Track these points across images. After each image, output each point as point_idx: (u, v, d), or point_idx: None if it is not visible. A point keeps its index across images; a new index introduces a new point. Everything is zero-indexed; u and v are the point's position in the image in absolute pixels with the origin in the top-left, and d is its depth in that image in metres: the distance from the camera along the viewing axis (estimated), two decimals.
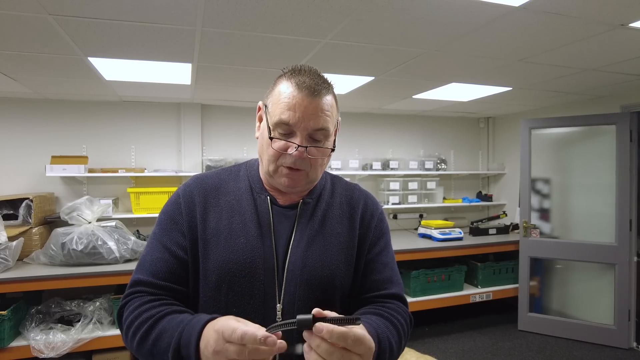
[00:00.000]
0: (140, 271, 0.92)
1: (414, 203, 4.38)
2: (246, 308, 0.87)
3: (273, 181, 0.94)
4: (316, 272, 0.91)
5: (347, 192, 1.06)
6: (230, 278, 0.87)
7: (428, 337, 3.67)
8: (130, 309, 0.87)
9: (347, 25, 1.90)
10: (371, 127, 4.54)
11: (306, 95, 0.86)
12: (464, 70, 2.69)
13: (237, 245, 0.90)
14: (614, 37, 2.06)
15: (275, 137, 0.88)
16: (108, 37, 2.00)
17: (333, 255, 0.94)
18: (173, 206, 0.96)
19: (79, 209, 2.97)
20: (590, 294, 3.68)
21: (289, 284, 0.89)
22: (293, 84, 0.88)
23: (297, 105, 0.86)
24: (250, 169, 1.02)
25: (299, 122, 0.86)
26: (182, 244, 0.92)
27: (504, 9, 1.72)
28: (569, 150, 3.83)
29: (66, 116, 3.58)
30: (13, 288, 2.68)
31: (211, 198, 0.96)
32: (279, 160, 0.89)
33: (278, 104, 0.88)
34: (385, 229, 1.06)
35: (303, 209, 0.97)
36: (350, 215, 1.01)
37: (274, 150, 0.88)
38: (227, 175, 1.02)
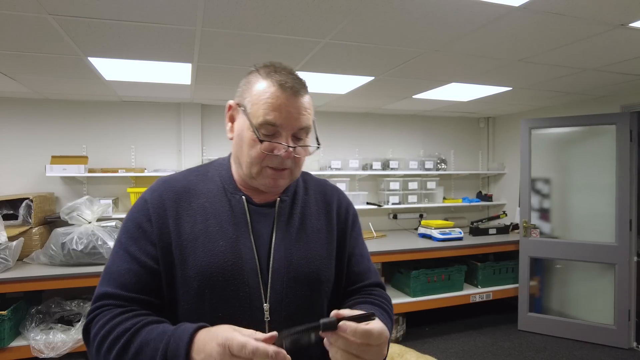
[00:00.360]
0: (106, 283, 0.86)
1: (414, 203, 4.38)
2: (232, 311, 0.85)
3: (254, 182, 0.91)
4: (302, 269, 0.90)
5: (319, 187, 1.06)
6: (212, 283, 0.84)
7: (428, 337, 3.67)
8: (100, 324, 0.80)
9: (347, 25, 1.90)
10: (371, 127, 4.54)
11: (290, 96, 0.86)
12: (464, 70, 2.69)
13: (216, 248, 0.86)
14: (614, 37, 2.06)
15: (255, 140, 0.86)
16: (108, 37, 2.00)
17: (316, 251, 0.94)
18: (140, 213, 0.90)
19: (79, 209, 2.97)
20: (590, 294, 3.68)
21: (275, 283, 0.88)
22: (275, 84, 0.86)
23: (283, 106, 0.85)
24: (220, 168, 0.99)
25: (285, 123, 0.85)
26: (152, 254, 0.87)
27: (504, 9, 1.72)
28: (569, 150, 3.83)
29: (66, 116, 3.58)
30: (13, 288, 2.68)
31: (182, 202, 0.91)
32: (264, 162, 0.87)
33: (260, 104, 0.85)
34: (358, 222, 1.09)
35: (281, 207, 0.96)
36: (326, 211, 1.02)
37: (260, 152, 0.86)
38: (195, 176, 0.97)
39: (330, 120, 4.36)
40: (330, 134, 4.36)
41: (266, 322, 0.86)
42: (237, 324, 0.79)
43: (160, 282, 0.87)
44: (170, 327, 0.78)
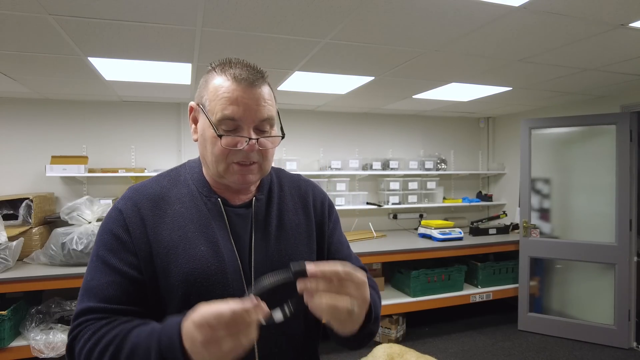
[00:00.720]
0: (87, 299, 0.82)
1: (414, 203, 4.38)
2: None
3: (225, 180, 0.90)
4: (283, 266, 0.88)
5: (293, 183, 1.05)
6: (197, 289, 0.83)
7: (428, 337, 3.67)
8: (85, 338, 0.77)
9: (347, 25, 1.90)
10: (371, 127, 4.54)
11: (245, 87, 0.84)
12: (464, 70, 2.69)
13: (197, 254, 0.85)
14: (614, 37, 2.06)
15: (216, 137, 0.84)
16: (108, 37, 2.00)
17: (297, 246, 0.94)
18: (116, 224, 0.87)
19: (79, 209, 2.97)
20: (590, 294, 3.68)
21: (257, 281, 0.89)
22: (229, 77, 0.84)
23: (239, 98, 0.83)
24: (192, 172, 0.97)
25: (244, 115, 0.83)
26: (134, 263, 0.84)
27: (504, 9, 1.72)
28: (569, 150, 3.83)
29: (66, 116, 3.58)
30: (13, 288, 2.68)
31: (157, 210, 0.89)
32: (229, 158, 0.85)
33: (217, 100, 0.84)
34: (335, 212, 1.09)
35: (257, 206, 0.95)
36: (303, 205, 1.01)
37: (223, 148, 0.84)
38: (167, 182, 0.95)
39: (330, 120, 4.36)
40: (330, 134, 4.36)
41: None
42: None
43: (144, 292, 0.85)
44: (157, 325, 0.75)
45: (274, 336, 0.88)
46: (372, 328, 0.88)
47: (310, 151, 4.24)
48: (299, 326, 0.93)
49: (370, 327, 0.85)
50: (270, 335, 0.86)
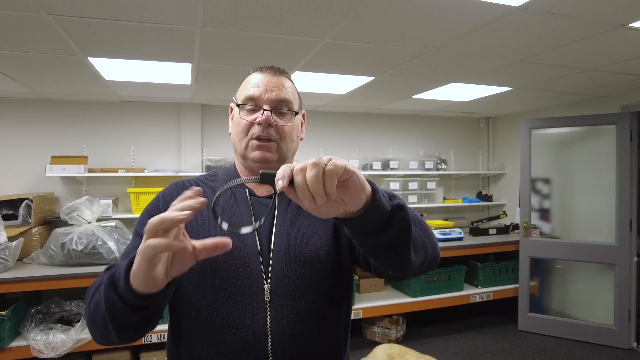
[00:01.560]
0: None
1: (414, 203, 4.38)
2: (233, 290, 0.89)
3: (247, 162, 0.99)
4: (301, 249, 0.94)
5: None
6: (214, 264, 0.89)
7: (428, 337, 3.67)
8: (93, 284, 0.85)
9: (347, 25, 1.90)
10: (371, 127, 4.54)
11: (267, 74, 0.99)
12: (464, 70, 2.69)
13: (218, 232, 0.89)
14: (614, 37, 2.06)
15: (244, 113, 0.97)
16: (108, 37, 2.00)
17: (315, 232, 0.97)
18: (152, 205, 1.01)
19: (79, 209, 2.97)
20: (590, 294, 3.68)
21: (275, 264, 0.92)
22: (257, 71, 1.01)
23: (261, 82, 0.97)
24: (227, 170, 1.09)
25: (262, 93, 0.96)
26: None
27: (504, 9, 1.71)
28: (569, 150, 3.83)
29: (66, 116, 3.58)
30: (13, 288, 2.68)
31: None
32: (249, 133, 0.96)
33: (245, 89, 1.00)
34: None
35: (280, 197, 1.00)
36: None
37: (244, 122, 0.97)
38: (206, 178, 1.08)
39: (330, 120, 4.36)
40: (330, 134, 4.36)
41: (267, 302, 0.90)
42: (238, 302, 0.88)
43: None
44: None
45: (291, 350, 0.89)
46: (397, 216, 0.71)
47: (310, 151, 4.24)
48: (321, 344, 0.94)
49: (378, 205, 0.67)
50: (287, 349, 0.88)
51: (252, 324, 0.88)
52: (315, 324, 0.92)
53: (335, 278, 0.98)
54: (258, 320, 0.88)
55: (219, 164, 3.74)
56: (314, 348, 0.91)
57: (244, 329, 0.87)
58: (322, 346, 0.93)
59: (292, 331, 0.89)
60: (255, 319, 0.88)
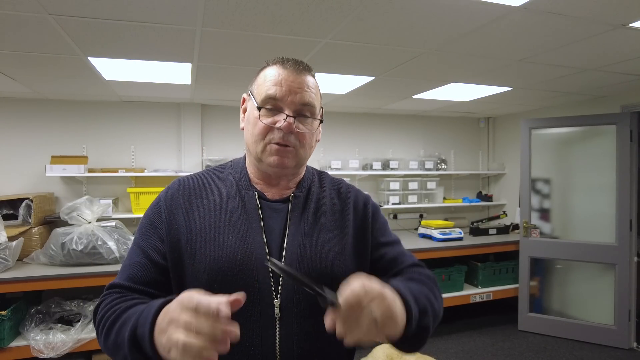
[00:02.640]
0: (119, 276, 0.90)
1: (414, 203, 4.38)
2: (242, 305, 0.84)
3: (262, 165, 0.92)
4: (314, 265, 0.89)
5: (334, 185, 1.05)
6: (222, 277, 0.84)
7: None
8: (102, 306, 0.85)
9: (347, 25, 1.90)
10: (371, 127, 4.54)
11: (291, 72, 0.89)
12: (464, 70, 2.69)
13: (225, 243, 0.87)
14: (614, 37, 2.06)
15: (260, 118, 0.89)
16: (108, 37, 2.00)
17: (330, 247, 0.92)
18: (153, 210, 0.94)
19: (79, 209, 2.97)
20: (590, 294, 3.67)
21: (287, 279, 0.87)
22: (278, 65, 0.91)
23: (283, 81, 0.88)
24: (235, 167, 1.01)
25: (285, 95, 0.87)
26: (160, 249, 0.89)
27: (504, 9, 1.71)
28: (569, 150, 3.83)
29: (66, 116, 3.58)
30: (13, 288, 2.68)
31: (195, 198, 0.93)
32: (267, 137, 0.89)
33: (264, 85, 0.90)
34: (381, 214, 1.06)
35: (295, 203, 0.95)
36: (341, 208, 1.00)
37: (263, 125, 0.88)
38: (211, 175, 1.00)
39: (330, 120, 4.35)
40: (330, 134, 4.36)
41: (276, 319, 0.85)
42: (247, 319, 0.82)
43: (167, 277, 0.89)
44: (155, 300, 0.75)
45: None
46: (422, 324, 0.83)
47: None
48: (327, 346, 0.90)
49: (414, 327, 0.79)
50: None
51: (261, 342, 0.83)
52: (324, 343, 0.88)
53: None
54: (267, 339, 0.84)
55: (219, 164, 3.74)
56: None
57: (252, 347, 0.83)
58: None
59: (302, 350, 0.86)
60: (263, 337, 0.84)
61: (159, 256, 0.89)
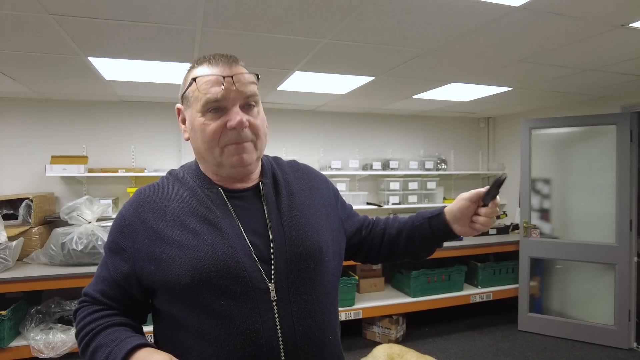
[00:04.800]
0: (92, 284, 0.95)
1: (414, 203, 4.38)
2: (235, 297, 0.84)
3: (223, 170, 0.92)
4: (303, 243, 0.91)
5: (292, 167, 1.09)
6: (206, 276, 0.83)
7: (428, 337, 3.67)
8: (78, 319, 0.91)
9: (347, 25, 1.90)
10: (371, 127, 4.54)
11: (223, 66, 0.87)
12: (464, 70, 2.69)
13: (201, 243, 0.86)
14: (614, 37, 2.06)
15: (206, 123, 0.87)
16: (108, 37, 2.00)
17: (312, 224, 0.95)
18: (117, 229, 0.93)
19: (79, 208, 2.97)
20: (590, 294, 3.68)
21: (277, 261, 0.88)
22: (205, 64, 0.88)
23: (219, 79, 0.85)
24: (189, 170, 0.98)
25: (227, 93, 0.85)
26: (123, 271, 0.89)
27: (504, 9, 1.71)
28: (569, 151, 3.83)
29: (66, 116, 3.58)
30: (13, 288, 2.68)
31: (158, 209, 0.91)
32: (221, 140, 0.88)
33: (199, 88, 0.86)
34: (335, 188, 1.16)
35: (266, 190, 0.96)
36: (308, 187, 1.04)
37: (212, 130, 0.86)
38: (169, 182, 0.97)
39: (330, 120, 4.36)
40: (330, 134, 4.36)
41: (274, 301, 0.86)
42: (242, 308, 0.84)
43: (128, 295, 0.91)
44: (122, 335, 0.84)
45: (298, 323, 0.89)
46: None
47: (310, 151, 4.24)
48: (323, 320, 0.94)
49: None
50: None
51: (262, 326, 0.84)
52: (320, 316, 0.91)
53: (333, 268, 0.98)
54: (267, 322, 0.85)
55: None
56: (322, 340, 0.90)
57: (253, 333, 0.84)
58: (327, 336, 0.92)
59: (302, 327, 0.87)
60: (263, 321, 0.84)
61: (120, 276, 0.90)
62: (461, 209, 1.01)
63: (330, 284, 0.97)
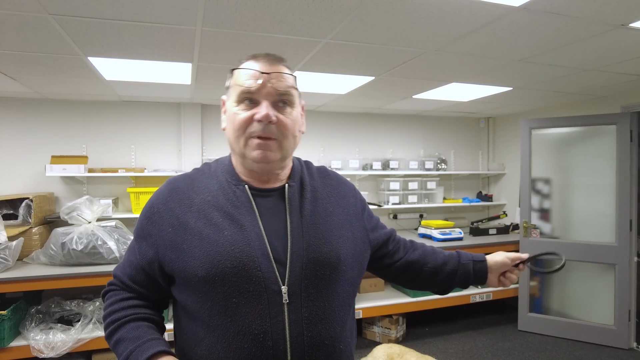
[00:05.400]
0: (120, 267, 1.00)
1: (414, 203, 4.38)
2: (247, 296, 0.85)
3: (246, 162, 0.93)
4: (320, 249, 0.91)
5: (321, 173, 1.09)
6: (221, 271, 0.85)
7: (428, 337, 3.67)
8: (106, 304, 0.97)
9: (347, 25, 1.90)
10: (371, 127, 4.54)
11: (264, 63, 0.90)
12: (464, 70, 2.69)
13: (221, 238, 0.87)
14: (614, 37, 2.06)
15: (238, 112, 0.90)
16: (108, 37, 2.00)
17: (332, 232, 0.95)
18: (145, 215, 0.96)
19: (79, 208, 2.97)
20: (590, 294, 3.68)
21: (294, 265, 0.88)
22: (250, 60, 0.92)
23: (257, 74, 0.88)
24: (222, 164, 1.01)
25: (261, 87, 0.88)
26: (150, 257, 0.93)
27: (504, 9, 1.71)
28: (569, 150, 3.83)
29: (66, 116, 3.58)
30: (13, 288, 2.68)
31: (185, 199, 0.93)
32: (247, 131, 0.90)
33: (239, 80, 0.91)
34: (363, 198, 1.17)
35: (291, 192, 0.97)
36: (335, 195, 1.04)
37: (241, 119, 0.89)
38: (200, 174, 1.00)
39: (330, 120, 4.36)
40: (330, 134, 4.36)
41: (285, 304, 0.86)
42: (253, 308, 0.84)
43: (153, 279, 0.95)
44: (146, 334, 0.89)
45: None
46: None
47: (310, 151, 4.24)
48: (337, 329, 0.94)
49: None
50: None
51: (270, 328, 0.84)
52: (332, 325, 0.90)
53: (351, 277, 0.97)
54: (276, 325, 0.84)
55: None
56: (332, 348, 0.90)
57: (261, 334, 0.84)
58: (338, 345, 0.91)
59: (311, 333, 0.87)
60: (273, 324, 0.84)
61: (146, 263, 0.94)
62: (502, 265, 1.17)
63: (346, 293, 0.95)
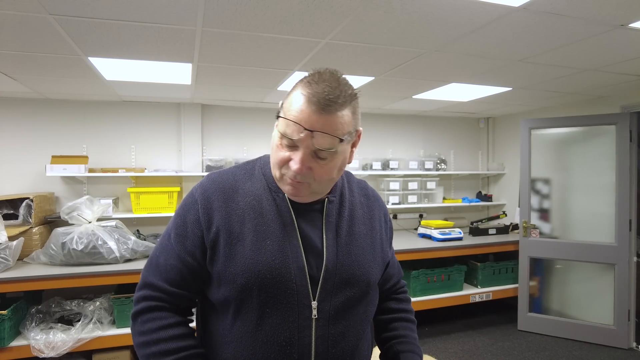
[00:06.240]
0: (153, 274, 0.94)
1: (414, 203, 4.38)
2: (280, 307, 0.87)
3: (280, 185, 0.94)
4: (353, 271, 0.93)
5: (361, 190, 1.09)
6: (260, 280, 0.86)
7: (428, 337, 3.67)
8: (147, 326, 0.90)
9: (347, 25, 1.90)
10: (371, 127, 4.54)
11: (314, 112, 0.81)
12: (464, 70, 2.69)
13: (264, 247, 0.89)
14: (614, 37, 2.06)
15: (280, 146, 0.87)
16: (108, 37, 2.00)
17: (364, 255, 0.97)
18: (189, 212, 0.93)
19: (79, 208, 2.97)
20: (590, 294, 3.68)
21: (326, 282, 0.90)
22: (304, 96, 0.82)
23: (303, 122, 0.81)
24: (265, 167, 0.99)
25: (302, 140, 0.83)
26: (196, 254, 0.91)
27: (504, 9, 1.72)
28: (569, 151, 3.83)
29: (66, 116, 3.58)
30: (13, 288, 2.68)
31: (230, 202, 0.93)
32: (283, 169, 0.89)
33: (287, 114, 0.84)
34: (391, 224, 1.15)
35: (329, 208, 0.97)
36: (370, 217, 1.04)
37: (280, 157, 0.88)
38: (243, 174, 0.98)
39: None
40: None
41: (313, 319, 0.88)
42: (284, 319, 0.86)
43: (200, 279, 0.93)
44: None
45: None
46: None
47: None
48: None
49: None
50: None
51: (298, 341, 0.87)
52: (355, 342, 0.94)
53: (373, 299, 1.01)
54: (303, 339, 0.87)
55: (219, 164, 3.75)
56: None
57: (289, 346, 0.86)
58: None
59: (335, 350, 0.89)
60: (300, 337, 0.87)
61: (195, 261, 0.91)
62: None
63: (369, 312, 0.99)
